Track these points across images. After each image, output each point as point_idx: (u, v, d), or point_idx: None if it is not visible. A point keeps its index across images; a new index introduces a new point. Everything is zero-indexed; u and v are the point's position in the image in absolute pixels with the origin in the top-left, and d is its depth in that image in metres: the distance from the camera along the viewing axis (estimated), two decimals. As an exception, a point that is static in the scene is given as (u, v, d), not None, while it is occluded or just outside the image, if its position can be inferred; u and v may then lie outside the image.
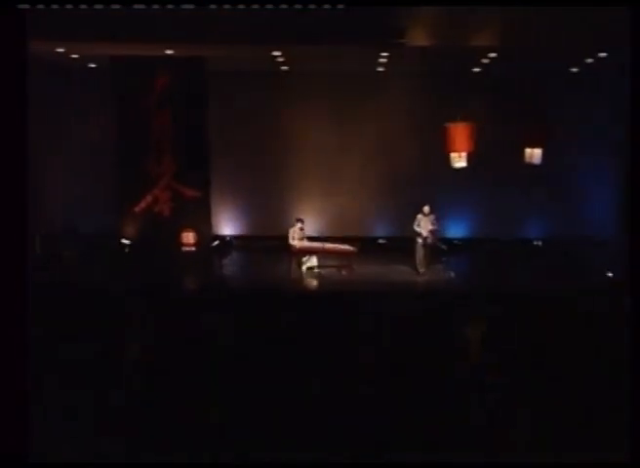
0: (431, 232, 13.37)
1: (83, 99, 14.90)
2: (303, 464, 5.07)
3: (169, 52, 13.30)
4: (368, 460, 5.16)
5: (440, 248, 13.56)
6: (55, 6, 6.52)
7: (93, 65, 14.54)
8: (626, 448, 4.68)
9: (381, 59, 13.65)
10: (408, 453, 5.20)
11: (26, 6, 5.46)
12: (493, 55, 13.04)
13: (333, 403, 6.11)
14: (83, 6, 6.83)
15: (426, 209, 13.40)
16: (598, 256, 13.73)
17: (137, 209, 14.39)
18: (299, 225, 13.61)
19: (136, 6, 7.18)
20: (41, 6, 6.16)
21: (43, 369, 6.50)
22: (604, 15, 9.91)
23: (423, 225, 13.36)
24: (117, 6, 7.09)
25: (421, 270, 13.45)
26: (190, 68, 13.90)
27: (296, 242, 13.50)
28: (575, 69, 14.50)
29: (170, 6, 7.15)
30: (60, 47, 12.68)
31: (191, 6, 7.28)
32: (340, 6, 7.02)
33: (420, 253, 13.43)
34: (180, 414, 5.79)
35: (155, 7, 7.04)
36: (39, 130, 12.84)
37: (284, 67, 14.51)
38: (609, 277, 12.70)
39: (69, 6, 6.72)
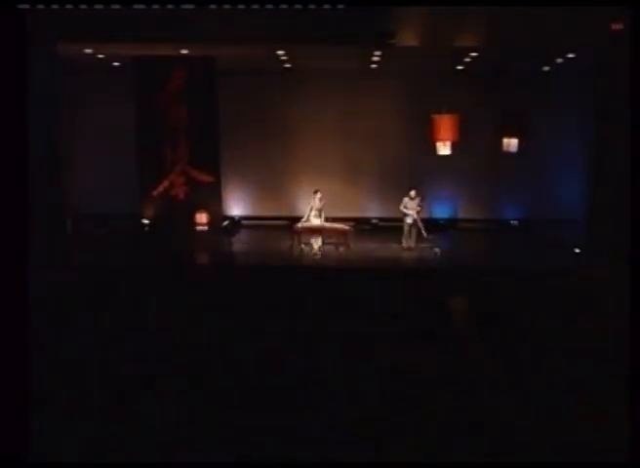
0: (417, 213, 13.86)
1: (105, 96, 15.37)
2: (303, 464, 4.86)
3: (184, 51, 13.84)
4: (368, 460, 4.94)
5: (422, 233, 13.91)
6: (55, 6, 6.31)
7: (116, 64, 14.95)
8: (626, 447, 4.48)
9: (375, 58, 13.99)
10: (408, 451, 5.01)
11: (26, 6, 5.40)
12: (474, 54, 13.47)
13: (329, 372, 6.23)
14: (83, 6, 6.62)
15: (412, 193, 13.82)
16: (567, 234, 14.15)
17: (155, 192, 14.95)
18: (318, 195, 13.86)
19: (136, 6, 6.96)
20: (41, 6, 6.01)
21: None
22: (573, 19, 10.49)
23: (410, 207, 13.82)
24: (117, 6, 6.85)
25: (407, 245, 13.93)
26: (203, 66, 14.36)
27: (311, 220, 13.90)
28: (546, 68, 14.92)
29: (170, 6, 6.95)
30: (89, 48, 13.17)
31: (191, 6, 7.09)
32: (341, 6, 7.18)
33: (406, 231, 13.97)
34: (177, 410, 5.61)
35: (155, 7, 6.89)
36: (69, 125, 13.63)
37: (287, 65, 14.87)
38: (576, 252, 13.26)
39: (69, 6, 6.50)
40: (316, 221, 13.94)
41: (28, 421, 4.46)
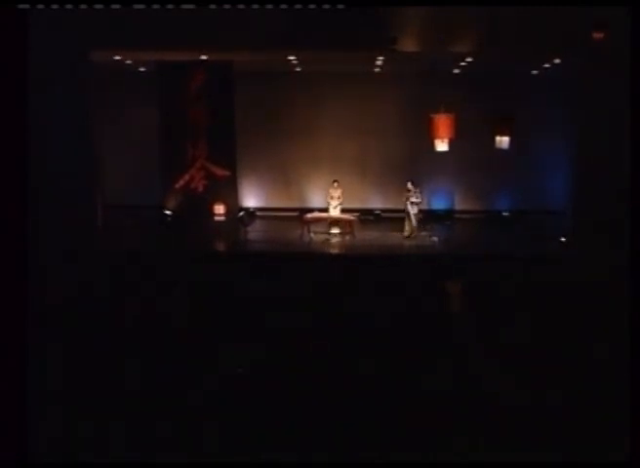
0: (415, 204, 14.24)
1: (132, 98, 15.57)
2: (303, 464, 4.70)
3: (203, 57, 14.27)
4: (368, 460, 4.79)
5: (419, 220, 14.33)
6: (55, 6, 6.10)
7: (142, 69, 15.39)
8: (626, 447, 4.31)
9: (378, 62, 14.42)
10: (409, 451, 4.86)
11: (26, 6, 5.21)
12: (469, 59, 13.86)
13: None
14: (83, 6, 6.38)
15: (410, 185, 14.29)
16: (554, 225, 14.51)
17: (176, 186, 15.35)
18: (334, 185, 14.61)
19: (135, 6, 6.73)
20: (41, 6, 5.81)
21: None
22: (559, 27, 10.91)
23: (411, 199, 14.28)
24: (117, 6, 6.63)
25: (407, 234, 14.29)
26: (220, 70, 14.74)
27: (331, 210, 14.57)
28: (535, 72, 15.31)
29: (170, 6, 6.75)
30: (118, 55, 13.59)
31: (191, 6, 6.91)
32: (341, 6, 6.98)
33: (407, 221, 14.34)
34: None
35: (156, 6, 6.67)
36: (100, 125, 14.00)
37: (297, 68, 15.22)
38: (562, 241, 13.63)
39: (69, 6, 6.26)
40: (335, 212, 14.58)
41: (28, 421, 4.27)
